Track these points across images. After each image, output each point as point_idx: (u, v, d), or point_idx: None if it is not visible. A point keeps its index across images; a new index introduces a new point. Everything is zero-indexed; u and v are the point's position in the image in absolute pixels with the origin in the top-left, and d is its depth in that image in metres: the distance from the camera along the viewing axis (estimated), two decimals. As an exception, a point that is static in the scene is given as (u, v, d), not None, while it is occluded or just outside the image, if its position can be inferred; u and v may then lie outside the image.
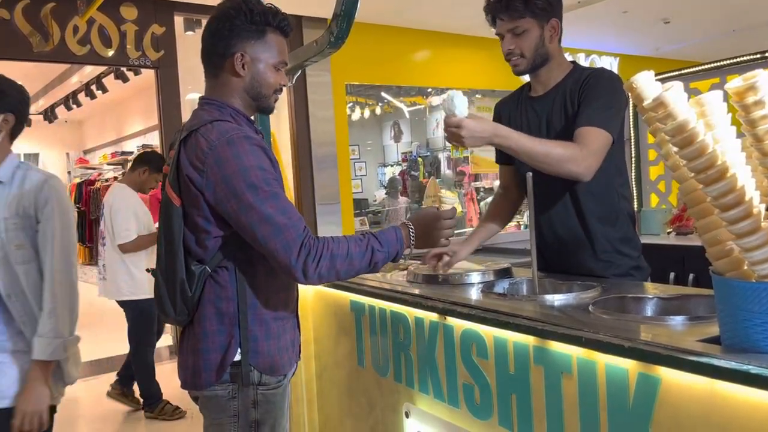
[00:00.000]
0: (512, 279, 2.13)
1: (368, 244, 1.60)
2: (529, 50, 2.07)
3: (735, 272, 1.20)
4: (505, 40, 2.09)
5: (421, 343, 1.96)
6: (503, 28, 2.08)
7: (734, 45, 7.77)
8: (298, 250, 1.51)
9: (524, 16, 2.02)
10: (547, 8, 2.04)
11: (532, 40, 2.06)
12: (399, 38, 6.55)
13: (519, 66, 2.11)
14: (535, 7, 2.01)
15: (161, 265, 1.63)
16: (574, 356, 1.45)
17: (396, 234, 1.66)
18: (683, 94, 1.19)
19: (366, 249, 1.59)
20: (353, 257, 1.57)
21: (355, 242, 1.60)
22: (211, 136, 1.55)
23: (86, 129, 12.73)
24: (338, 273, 1.57)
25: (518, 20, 2.03)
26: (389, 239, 1.64)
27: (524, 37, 2.05)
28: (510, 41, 2.08)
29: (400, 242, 1.66)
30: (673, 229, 3.75)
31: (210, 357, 1.62)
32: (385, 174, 11.66)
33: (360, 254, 1.59)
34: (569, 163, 1.89)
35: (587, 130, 1.95)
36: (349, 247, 1.58)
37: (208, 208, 1.56)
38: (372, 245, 1.60)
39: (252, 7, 1.63)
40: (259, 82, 1.67)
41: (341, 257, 1.56)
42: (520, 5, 2.01)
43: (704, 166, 1.13)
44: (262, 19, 1.64)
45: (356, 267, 1.59)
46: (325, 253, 1.54)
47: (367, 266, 1.61)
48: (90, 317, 7.96)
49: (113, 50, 5.15)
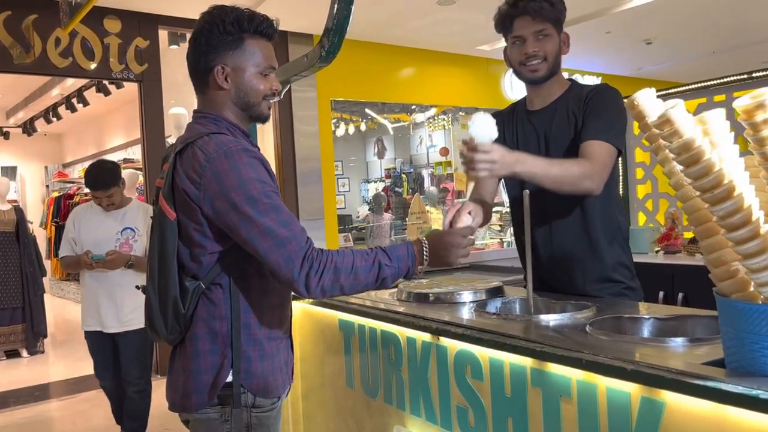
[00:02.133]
0: (505, 298, 2.09)
1: (375, 258, 1.54)
2: (551, 55, 2.03)
3: (740, 294, 1.17)
4: (527, 42, 2.02)
5: (413, 364, 1.91)
6: (528, 30, 2.01)
7: (714, 66, 7.89)
8: (300, 263, 1.46)
9: (550, 19, 2.00)
10: (562, 19, 2.03)
11: (554, 46, 2.03)
12: (384, 55, 6.55)
13: (539, 71, 2.04)
14: (559, 13, 2.01)
15: (153, 281, 1.57)
16: (573, 379, 1.41)
17: (407, 249, 1.59)
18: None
19: (373, 264, 1.53)
20: (358, 271, 1.52)
21: (361, 256, 1.54)
22: (208, 149, 1.51)
23: (66, 142, 12.58)
24: (342, 287, 1.52)
25: (546, 23, 2.00)
26: (400, 255, 1.57)
27: (548, 42, 2.02)
28: (534, 44, 2.01)
29: (412, 258, 1.58)
30: (661, 248, 3.75)
31: (202, 378, 1.56)
32: (368, 190, 11.67)
33: (366, 268, 1.52)
34: (585, 180, 1.87)
35: (594, 143, 1.93)
36: (354, 260, 1.52)
37: (206, 222, 1.52)
38: (380, 260, 1.54)
39: (224, 17, 1.57)
40: (245, 92, 1.61)
41: (345, 271, 1.50)
42: (549, 8, 1.98)
43: (711, 185, 1.11)
44: (236, 28, 1.58)
45: (362, 282, 1.53)
46: (328, 266, 1.49)
47: (374, 282, 1.54)
48: (66, 334, 7.82)
49: (96, 63, 5.08)
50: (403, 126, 10.50)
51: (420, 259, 1.61)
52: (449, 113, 9.16)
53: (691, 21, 6.29)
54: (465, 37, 6.44)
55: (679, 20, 6.24)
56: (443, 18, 5.74)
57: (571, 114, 2.05)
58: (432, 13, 5.61)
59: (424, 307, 2.06)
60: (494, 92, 7.44)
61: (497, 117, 2.26)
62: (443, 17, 5.72)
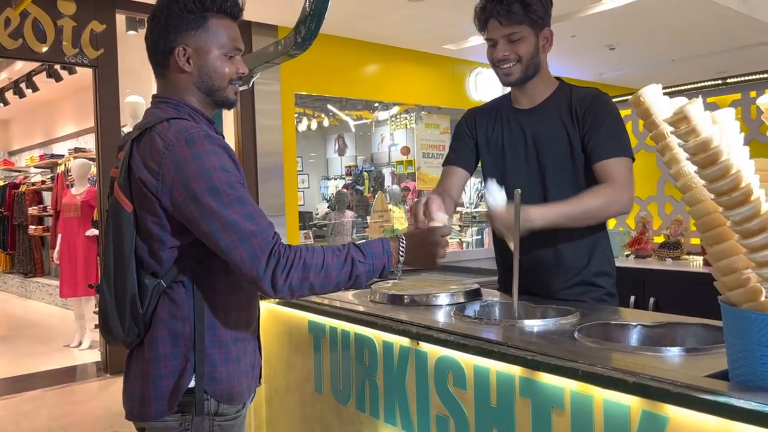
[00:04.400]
0: (483, 301, 2.02)
1: (348, 254, 1.44)
2: (525, 57, 1.97)
3: (751, 303, 1.11)
4: (498, 46, 1.98)
5: (389, 370, 1.81)
6: (498, 33, 1.96)
7: (672, 74, 8.05)
8: (266, 260, 1.35)
9: (522, 22, 1.93)
10: (543, 16, 1.96)
11: (529, 48, 1.96)
12: (350, 50, 6.44)
13: (512, 75, 1.99)
14: (534, 13, 1.92)
15: (109, 278, 1.43)
16: (567, 390, 1.33)
17: (383, 246, 1.49)
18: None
19: (345, 260, 1.43)
20: (330, 268, 1.41)
21: (333, 253, 1.43)
22: (168, 135, 1.38)
23: (12, 129, 12.07)
24: (312, 286, 1.41)
25: (516, 26, 1.93)
26: (374, 251, 1.47)
27: (520, 44, 1.95)
28: (504, 47, 1.96)
29: (387, 255, 1.49)
30: (631, 252, 3.74)
31: (162, 384, 1.43)
32: (328, 187, 11.53)
33: (338, 265, 1.42)
34: (610, 208, 1.89)
35: (611, 162, 1.91)
36: (325, 257, 1.41)
37: (165, 214, 1.39)
38: (352, 256, 1.44)
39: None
40: (208, 74, 1.49)
41: (315, 268, 1.39)
42: (520, 10, 1.91)
43: (729, 188, 1.05)
44: (198, 6, 1.46)
45: (333, 280, 1.42)
46: (296, 262, 1.37)
47: (346, 280, 1.44)
48: (8, 329, 7.47)
49: (47, 46, 4.82)
50: (365, 123, 10.40)
51: (396, 256, 1.51)
52: (412, 112, 9.09)
53: (653, 29, 6.36)
54: (432, 35, 6.38)
55: (641, 28, 6.30)
56: (412, 14, 5.66)
57: (563, 119, 1.99)
58: (400, 9, 5.53)
59: (398, 309, 1.97)
60: (458, 92, 7.40)
61: (477, 115, 2.19)
62: (412, 13, 5.64)
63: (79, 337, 6.16)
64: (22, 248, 10.04)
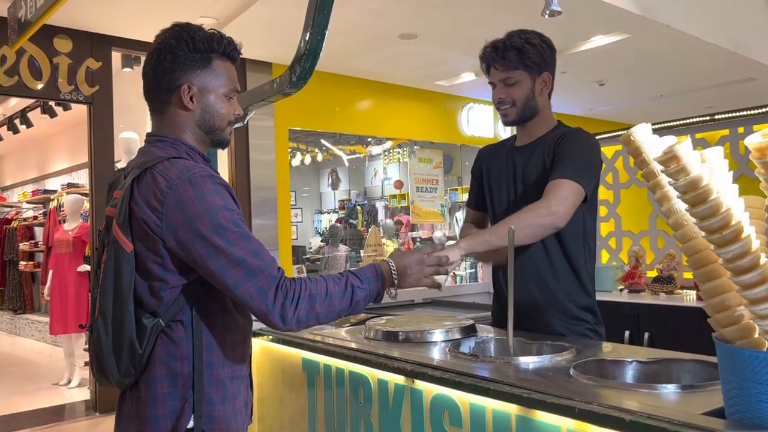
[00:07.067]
0: (478, 337, 2.01)
1: (347, 281, 1.48)
2: (519, 100, 2.07)
3: (745, 341, 1.12)
4: (496, 89, 2.11)
5: (384, 408, 1.80)
6: (496, 77, 2.09)
7: (661, 108, 8.15)
8: (274, 294, 1.37)
9: (518, 67, 2.04)
10: (540, 62, 2.05)
11: (523, 91, 2.06)
12: (343, 86, 6.50)
13: (508, 116, 2.11)
14: (529, 60, 2.03)
15: (106, 319, 1.42)
16: (563, 428, 1.33)
17: (376, 271, 1.54)
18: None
19: (345, 287, 1.47)
20: (333, 297, 1.44)
21: (333, 281, 1.47)
22: (170, 175, 1.39)
23: (5, 164, 12.06)
24: (318, 316, 1.43)
25: (512, 71, 2.05)
26: (368, 276, 1.52)
27: (515, 88, 2.06)
28: (501, 90, 2.09)
29: (381, 279, 1.54)
30: (625, 287, 3.75)
31: (160, 425, 1.41)
32: (321, 221, 11.54)
33: (340, 293, 1.46)
34: (531, 219, 1.87)
35: (556, 182, 1.94)
36: (328, 285, 1.45)
37: (168, 254, 1.39)
38: (351, 282, 1.48)
39: (193, 34, 1.50)
40: (210, 114, 1.53)
41: (320, 298, 1.42)
42: (515, 57, 2.03)
43: (719, 226, 1.06)
44: (206, 47, 1.50)
45: (336, 308, 1.46)
46: (303, 294, 1.40)
47: (348, 306, 1.47)
48: (-3, 368, 7.35)
49: (43, 83, 4.86)
50: (359, 158, 10.46)
51: (390, 279, 1.57)
52: (405, 147, 9.17)
53: (641, 65, 6.46)
54: (424, 72, 6.45)
55: (630, 64, 6.40)
56: (404, 51, 5.73)
57: (546, 154, 2.06)
58: (393, 47, 5.60)
59: (393, 346, 1.96)
60: (450, 127, 7.46)
61: (485, 152, 2.35)
62: (405, 51, 5.72)
63: (68, 375, 6.07)
64: (12, 284, 9.95)
